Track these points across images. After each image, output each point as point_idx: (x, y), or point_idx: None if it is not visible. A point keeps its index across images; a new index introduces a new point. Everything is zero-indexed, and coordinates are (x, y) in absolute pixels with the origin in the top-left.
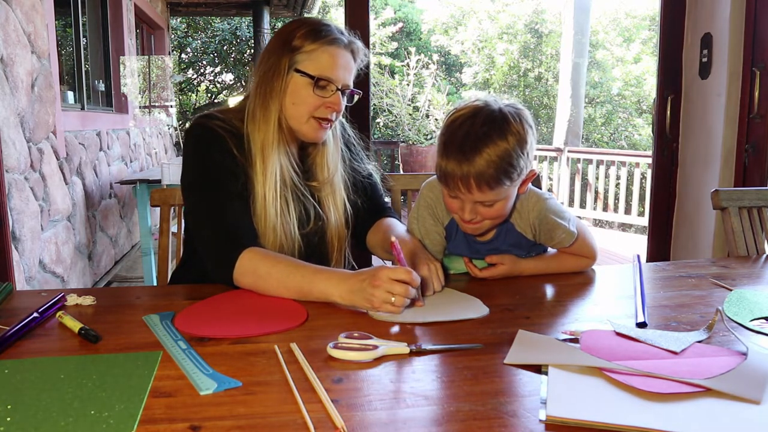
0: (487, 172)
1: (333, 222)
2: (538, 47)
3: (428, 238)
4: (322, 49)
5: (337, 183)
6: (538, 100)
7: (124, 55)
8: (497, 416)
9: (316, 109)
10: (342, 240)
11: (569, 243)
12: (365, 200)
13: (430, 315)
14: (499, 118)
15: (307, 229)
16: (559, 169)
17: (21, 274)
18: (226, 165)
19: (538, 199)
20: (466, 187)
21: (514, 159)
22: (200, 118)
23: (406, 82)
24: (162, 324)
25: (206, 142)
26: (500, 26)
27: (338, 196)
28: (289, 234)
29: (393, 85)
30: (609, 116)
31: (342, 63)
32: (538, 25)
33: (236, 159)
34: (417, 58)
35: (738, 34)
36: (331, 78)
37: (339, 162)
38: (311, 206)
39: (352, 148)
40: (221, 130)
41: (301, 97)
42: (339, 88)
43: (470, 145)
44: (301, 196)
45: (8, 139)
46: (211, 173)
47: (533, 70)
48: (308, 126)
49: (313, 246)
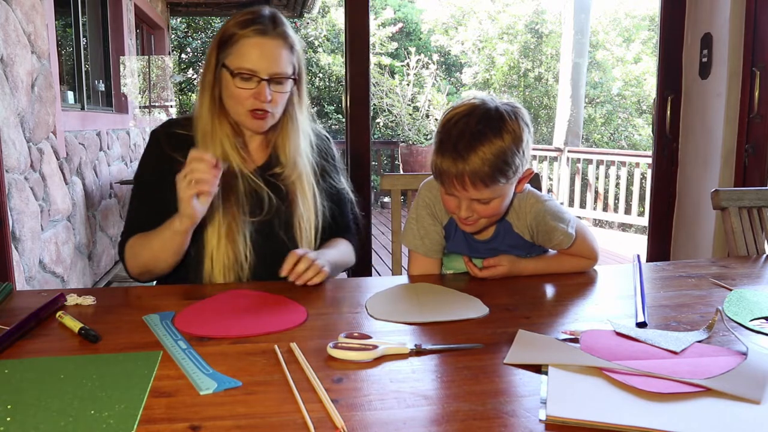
0: (482, 170)
1: (300, 207)
2: (538, 47)
3: (427, 237)
4: (244, 41)
5: (303, 166)
6: (538, 100)
7: (124, 55)
8: (497, 416)
9: (246, 101)
10: (312, 226)
11: (567, 245)
12: (335, 212)
13: (430, 315)
14: (495, 116)
15: (260, 216)
16: (559, 169)
17: (21, 274)
18: (150, 172)
19: (536, 200)
20: (461, 185)
21: (510, 157)
22: (161, 124)
23: (406, 82)
24: (162, 324)
25: (146, 148)
26: (500, 26)
27: (305, 182)
28: (238, 218)
29: (393, 85)
30: (609, 116)
31: (267, 52)
32: (538, 26)
33: (166, 162)
34: (417, 58)
35: (738, 34)
36: (253, 69)
37: (305, 145)
38: (265, 194)
39: (330, 160)
40: (164, 135)
41: (229, 90)
42: (265, 79)
43: (465, 143)
44: (251, 183)
45: (8, 139)
46: (138, 178)
47: (533, 70)
48: (244, 117)
49: (272, 233)
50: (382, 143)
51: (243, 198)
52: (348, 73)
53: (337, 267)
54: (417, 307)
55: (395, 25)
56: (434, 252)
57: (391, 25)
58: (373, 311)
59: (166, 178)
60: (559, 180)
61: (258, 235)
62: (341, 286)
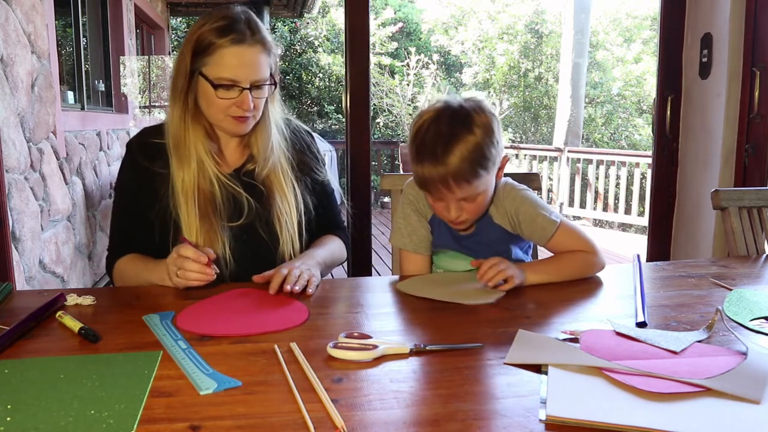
0: (463, 168)
1: (278, 202)
2: (538, 47)
3: (415, 234)
4: (222, 51)
5: (276, 160)
6: (538, 100)
7: (124, 55)
8: (497, 416)
9: (227, 109)
10: (294, 221)
11: (552, 232)
12: (319, 208)
13: (448, 296)
14: (462, 114)
15: (239, 221)
16: (559, 169)
17: (21, 274)
18: (127, 183)
19: (512, 189)
20: (446, 188)
21: (485, 149)
22: (135, 135)
23: (406, 82)
24: (162, 324)
25: (123, 160)
26: (500, 26)
27: (281, 174)
28: (216, 225)
29: (393, 85)
30: (609, 116)
31: (247, 60)
32: (538, 26)
33: (142, 173)
34: (417, 58)
35: (738, 34)
36: (234, 79)
37: (277, 139)
38: (243, 198)
39: (309, 154)
40: (137, 146)
41: (209, 99)
42: (246, 87)
43: (442, 147)
44: (229, 188)
45: (8, 139)
46: (117, 189)
47: (533, 70)
48: (226, 123)
49: (253, 236)
50: (382, 143)
51: (221, 204)
52: (348, 73)
53: (327, 266)
54: (442, 288)
55: (395, 25)
56: (423, 248)
57: (391, 25)
58: (403, 287)
59: (143, 188)
60: (559, 180)
61: (237, 240)
62: (341, 286)
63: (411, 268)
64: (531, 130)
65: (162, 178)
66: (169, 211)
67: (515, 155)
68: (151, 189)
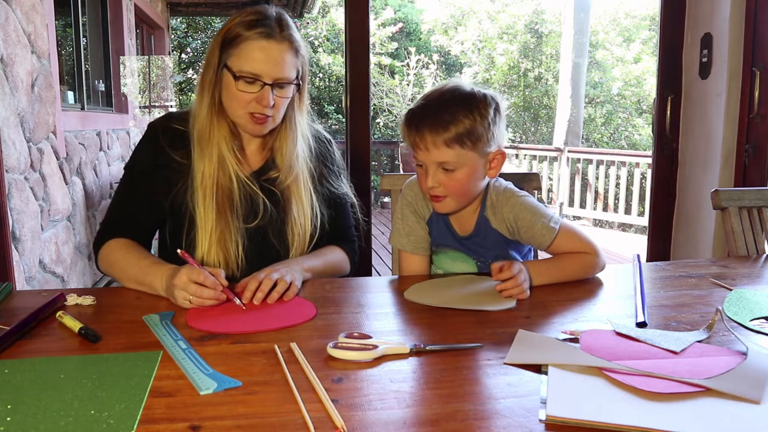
0: (442, 124)
1: (294, 213)
2: (538, 47)
3: (413, 235)
4: (248, 44)
5: (299, 171)
6: (538, 100)
7: (124, 55)
8: (497, 416)
9: (247, 104)
10: (306, 232)
11: (550, 239)
12: (333, 219)
13: (457, 303)
14: (466, 90)
15: (254, 222)
16: (559, 169)
17: (21, 274)
18: (143, 164)
19: (511, 196)
20: (421, 140)
21: (474, 125)
22: (160, 117)
23: (406, 82)
24: (162, 324)
25: (142, 139)
26: (500, 26)
27: (302, 187)
28: (231, 224)
29: (393, 85)
30: (609, 116)
31: (272, 56)
32: (538, 26)
33: (162, 156)
34: (417, 58)
35: (738, 34)
36: (256, 73)
37: (302, 149)
38: (260, 200)
39: (329, 164)
40: (162, 129)
41: (230, 92)
42: (268, 83)
43: (434, 104)
44: (247, 188)
45: (8, 139)
46: (129, 168)
47: (533, 70)
48: (244, 120)
49: (265, 239)
50: (382, 143)
51: (238, 203)
52: (348, 73)
53: (317, 274)
54: (451, 294)
55: (395, 25)
56: (421, 249)
57: (391, 25)
58: (411, 296)
59: (158, 170)
60: (559, 180)
61: (251, 242)
62: (341, 286)
63: (410, 268)
64: (531, 130)
65: (181, 167)
66: (185, 202)
67: (515, 155)
68: (168, 175)
